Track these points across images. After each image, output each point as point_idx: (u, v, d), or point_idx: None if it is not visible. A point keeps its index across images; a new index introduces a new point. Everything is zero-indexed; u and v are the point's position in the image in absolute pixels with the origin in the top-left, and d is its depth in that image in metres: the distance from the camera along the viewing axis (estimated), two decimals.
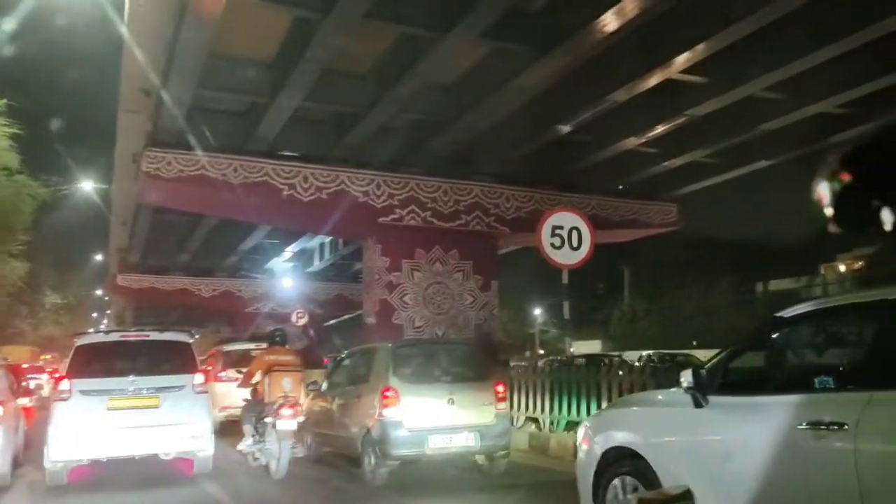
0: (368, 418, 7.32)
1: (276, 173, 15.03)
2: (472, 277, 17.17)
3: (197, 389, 7.74)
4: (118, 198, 21.61)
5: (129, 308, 40.92)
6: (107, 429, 7.24)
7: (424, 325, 16.58)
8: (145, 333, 8.33)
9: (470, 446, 7.22)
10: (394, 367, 7.35)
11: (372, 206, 15.80)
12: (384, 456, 7.05)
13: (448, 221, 16.47)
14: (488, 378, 7.74)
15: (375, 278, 16.40)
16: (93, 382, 7.39)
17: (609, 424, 4.59)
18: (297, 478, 7.88)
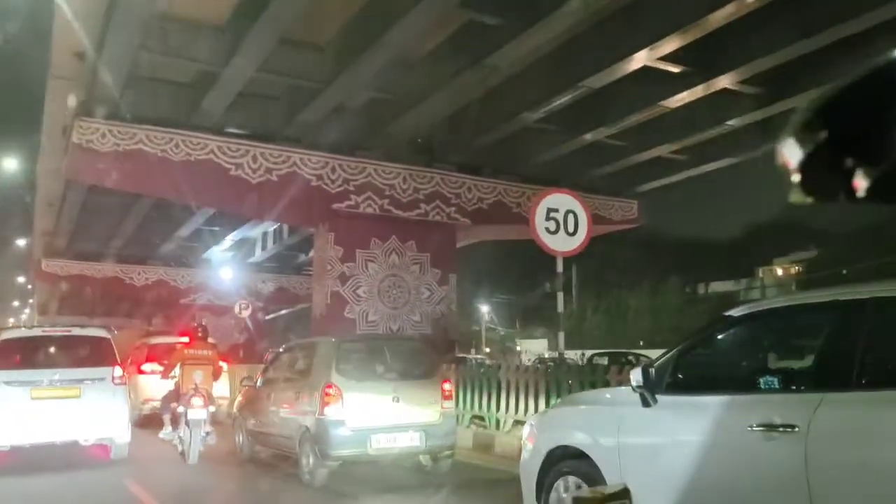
0: (308, 416, 6.99)
1: (221, 151, 13.88)
2: (430, 271, 16.37)
3: (116, 381, 8.27)
4: (45, 176, 19.85)
5: (55, 296, 38.44)
6: (30, 417, 7.70)
7: (379, 320, 15.69)
8: (68, 329, 9.16)
9: (415, 446, 6.97)
10: (337, 363, 7.01)
11: (325, 191, 14.81)
12: (324, 456, 6.73)
13: (406, 210, 15.61)
14: (435, 375, 7.52)
15: (327, 269, 15.41)
16: (17, 374, 7.87)
17: (555, 423, 4.52)
18: (224, 476, 7.94)
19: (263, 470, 8.20)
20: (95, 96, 12.87)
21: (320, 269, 15.74)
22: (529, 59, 11.71)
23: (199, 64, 12.43)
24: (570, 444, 4.10)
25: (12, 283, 55.95)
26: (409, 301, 16.09)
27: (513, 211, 16.67)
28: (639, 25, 10.66)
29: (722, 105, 12.90)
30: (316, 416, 6.82)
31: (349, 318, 15.37)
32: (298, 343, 8.92)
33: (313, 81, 12.82)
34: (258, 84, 13.55)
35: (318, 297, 15.77)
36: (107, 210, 23.13)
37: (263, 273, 30.73)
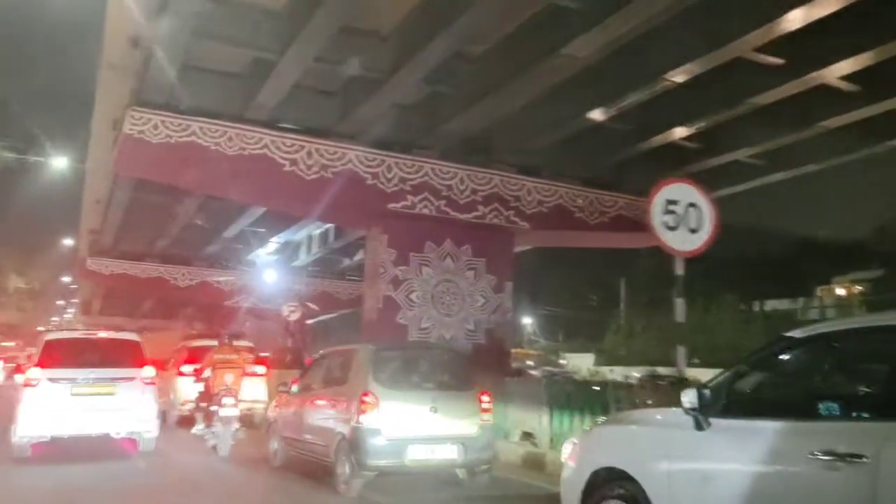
0: (344, 424, 6.92)
1: (276, 146, 13.26)
2: (485, 277, 15.53)
3: (145, 381, 9.23)
4: (93, 172, 19.59)
5: (98, 296, 38.59)
6: (70, 411, 8.65)
7: (431, 327, 14.89)
8: (105, 332, 10.33)
9: (452, 459, 6.83)
10: (374, 371, 6.94)
11: (381, 191, 14.09)
12: (360, 466, 6.64)
13: (464, 213, 14.80)
14: (473, 387, 7.35)
15: (380, 272, 14.68)
16: (60, 372, 8.79)
17: (600, 442, 4.39)
18: (255, 484, 8.04)
19: (297, 477, 8.06)
20: (148, 86, 12.38)
21: (372, 273, 15.01)
22: (608, 50, 10.83)
23: (255, 51, 11.84)
24: (615, 465, 3.94)
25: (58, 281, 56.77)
26: (463, 308, 15.26)
27: (574, 216, 15.76)
28: (736, 11, 9.70)
29: (818, 103, 11.81)
30: (352, 424, 6.70)
31: (401, 323, 14.60)
32: (335, 349, 8.63)
33: (374, 71, 12.13)
34: (314, 77, 12.93)
35: (369, 301, 15.04)
36: (153, 209, 22.83)
37: (307, 277, 30.21)
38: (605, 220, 16.01)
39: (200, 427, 10.14)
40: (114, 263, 27.07)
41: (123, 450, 9.40)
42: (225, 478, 8.51)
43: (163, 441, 9.89)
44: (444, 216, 14.60)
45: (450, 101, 13.49)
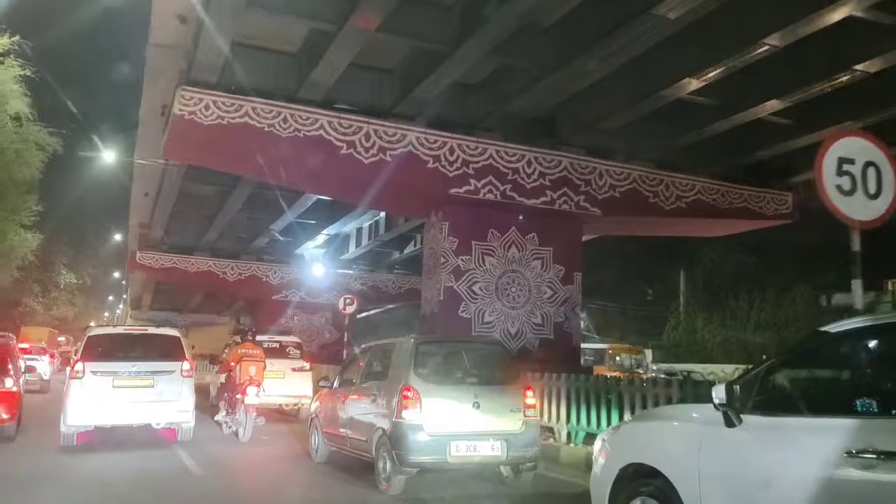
0: (385, 420, 6.79)
1: (332, 128, 12.44)
2: (553, 267, 14.50)
3: (184, 374, 9.55)
4: (142, 163, 19.12)
5: (148, 290, 38.64)
6: (112, 402, 9.04)
7: (495, 321, 13.94)
8: (144, 328, 11.04)
9: (495, 456, 6.64)
10: (415, 365, 6.76)
11: (443, 174, 13.16)
12: (401, 462, 6.47)
13: (530, 198, 13.79)
14: (517, 381, 7.17)
15: (440, 262, 13.77)
16: (102, 365, 9.19)
17: (629, 438, 4.35)
18: (296, 481, 7.82)
19: (338, 474, 7.94)
20: (198, 65, 11.66)
21: (432, 263, 14.12)
22: (703, 11, 9.70)
23: (311, 22, 11.02)
24: (644, 462, 3.92)
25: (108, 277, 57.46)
26: (530, 300, 14.26)
27: (649, 201, 14.61)
28: None
29: None
30: (393, 420, 6.57)
31: (463, 317, 13.68)
32: (376, 344, 8.37)
33: (436, 43, 11.20)
34: (371, 54, 12.11)
35: (428, 292, 14.16)
36: (202, 200, 22.37)
37: (355, 270, 29.58)
38: (681, 206, 14.82)
39: (223, 415, 11.01)
40: (163, 257, 26.79)
41: (164, 440, 9.83)
42: (265, 473, 8.36)
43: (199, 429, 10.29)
44: (509, 202, 13.61)
45: (516, 77, 12.51)
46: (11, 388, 9.72)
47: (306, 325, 28.92)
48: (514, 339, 14.00)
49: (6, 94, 13.70)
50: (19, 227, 26.50)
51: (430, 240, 14.32)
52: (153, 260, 26.78)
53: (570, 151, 14.12)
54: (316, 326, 29.13)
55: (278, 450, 9.83)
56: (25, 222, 26.72)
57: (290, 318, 28.58)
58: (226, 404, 10.92)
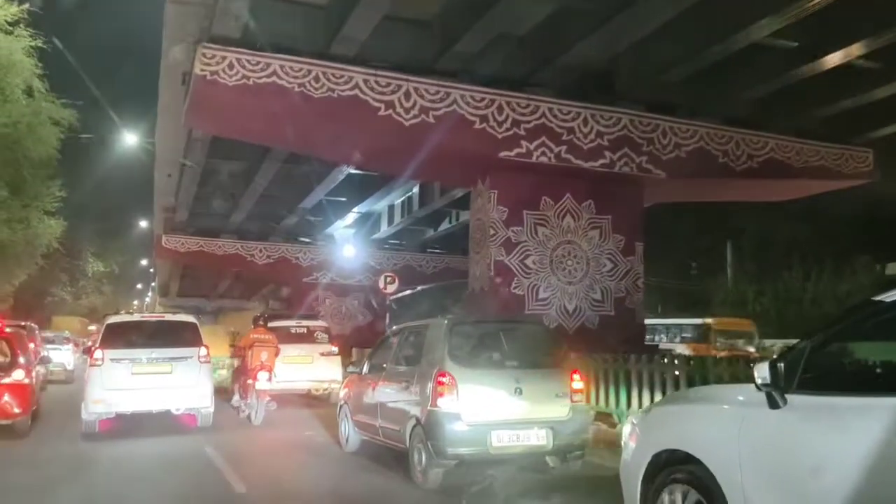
0: (418, 408, 6.31)
1: (368, 86, 11.21)
2: (612, 237, 13.22)
3: (201, 360, 9.50)
4: (163, 141, 18.06)
5: (175, 276, 38.00)
6: (131, 389, 9.07)
7: (551, 297, 12.73)
8: (161, 315, 11.51)
9: (540, 445, 6.16)
10: (450, 348, 6.29)
11: (491, 136, 11.88)
12: (438, 454, 6.01)
13: (588, 160, 12.46)
14: (562, 364, 6.66)
15: (489, 234, 12.55)
16: (121, 353, 9.22)
17: (663, 422, 4.05)
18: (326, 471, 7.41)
19: (370, 465, 7.47)
20: (220, 19, 10.48)
21: (480, 236, 12.89)
22: None
23: None
24: (679, 447, 3.65)
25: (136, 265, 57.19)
26: (588, 274, 13.00)
27: (718, 161, 13.20)
28: None
29: None
30: (428, 408, 6.10)
31: (516, 293, 12.48)
32: (407, 326, 7.83)
33: None
34: (407, 4, 10.87)
35: (476, 268, 12.95)
36: (227, 179, 21.33)
37: (388, 251, 28.46)
38: (752, 166, 13.39)
39: (236, 398, 11.17)
40: (190, 240, 25.85)
41: (185, 425, 9.83)
42: (293, 463, 7.95)
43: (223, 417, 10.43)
44: (565, 165, 12.30)
45: (570, 24, 11.16)
46: (23, 381, 9.16)
47: (338, 308, 27.94)
48: (571, 317, 12.79)
49: (15, 64, 12.70)
50: (42, 213, 25.86)
51: (477, 211, 13.08)
52: (179, 244, 25.87)
53: (629, 108, 12.74)
54: (348, 309, 28.13)
55: (306, 438, 9.45)
56: (49, 209, 26.07)
57: (321, 300, 27.63)
58: (240, 388, 11.06)
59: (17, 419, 9.01)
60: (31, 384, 9.59)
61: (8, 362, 9.19)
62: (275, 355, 10.78)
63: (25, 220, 24.85)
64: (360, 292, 28.12)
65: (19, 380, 9.09)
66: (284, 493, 6.48)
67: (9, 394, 8.88)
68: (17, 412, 8.94)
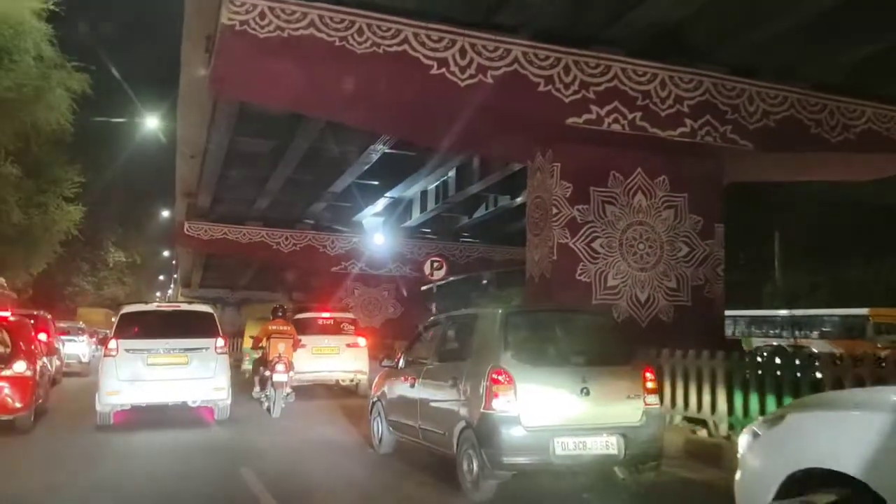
0: (468, 410, 5.52)
1: (419, 42, 9.75)
2: (688, 217, 11.67)
3: (218, 351, 9.35)
4: (186, 117, 16.78)
5: (198, 267, 36.96)
6: (146, 380, 8.95)
7: (621, 285, 11.23)
8: (177, 304, 11.76)
9: (611, 454, 5.35)
10: (506, 342, 5.50)
11: (557, 100, 10.38)
12: (493, 464, 5.22)
13: (666, 128, 10.92)
14: (633, 361, 5.81)
15: (551, 214, 11.07)
16: (135, 343, 9.10)
17: (801, 433, 3.27)
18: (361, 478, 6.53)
19: (409, 470, 6.67)
20: None
21: (540, 216, 11.42)
22: None
23: None
24: (828, 466, 2.95)
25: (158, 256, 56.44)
26: (662, 259, 11.48)
27: (811, 132, 11.59)
28: None
29: None
30: (480, 411, 5.39)
31: (582, 281, 11.00)
32: (452, 315, 7.19)
33: None
34: None
35: (536, 252, 11.48)
36: (253, 160, 20.05)
37: (418, 240, 27.10)
38: (849, 138, 11.77)
39: (257, 390, 10.97)
40: (213, 227, 24.66)
41: (202, 419, 9.52)
42: (322, 467, 6.96)
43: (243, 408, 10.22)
44: (639, 134, 10.78)
45: None
46: (24, 373, 8.60)
47: (368, 299, 26.62)
48: (643, 308, 11.29)
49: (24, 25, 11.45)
50: (61, 199, 24.80)
51: (536, 188, 11.59)
52: (202, 231, 24.66)
53: (712, 70, 11.17)
54: (379, 300, 26.79)
55: (334, 436, 8.76)
56: (67, 194, 25.03)
57: (350, 291, 26.32)
58: (259, 380, 10.96)
59: (19, 414, 8.46)
60: (34, 377, 8.92)
61: (8, 353, 8.64)
62: (293, 347, 10.72)
63: (43, 205, 23.89)
64: (391, 283, 26.77)
65: (20, 372, 8.54)
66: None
67: (9, 387, 8.36)
68: (18, 407, 8.40)
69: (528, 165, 11.92)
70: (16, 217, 17.20)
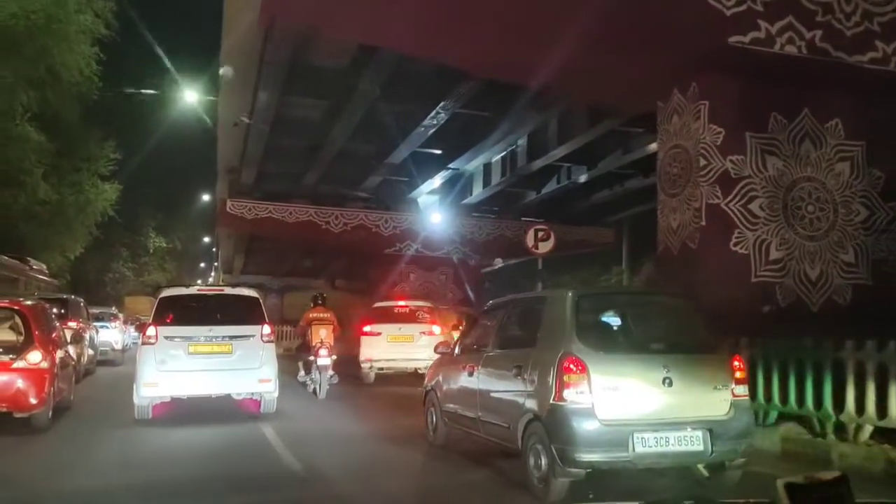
0: (536, 401, 5.06)
1: None
2: (867, 173, 9.11)
3: (265, 339, 8.58)
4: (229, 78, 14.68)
5: (240, 251, 35.18)
6: (188, 370, 8.24)
7: (786, 258, 8.74)
8: (220, 288, 12.11)
9: (696, 451, 4.85)
10: (577, 327, 5.03)
11: (716, 13, 7.87)
12: (564, 461, 4.73)
13: (853, 52, 8.33)
14: (719, 348, 5.32)
15: (697, 167, 8.63)
16: (176, 329, 8.40)
17: None
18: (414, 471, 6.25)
19: (465, 463, 6.24)
20: None
21: (680, 170, 8.98)
22: None
23: None
24: None
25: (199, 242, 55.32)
26: (835, 225, 8.95)
27: None
28: None
29: None
30: (550, 402, 4.84)
31: (738, 252, 8.54)
32: (515, 298, 6.65)
33: None
34: None
35: (673, 217, 9.04)
36: (303, 127, 17.91)
37: (478, 218, 24.80)
38: None
39: (302, 374, 11.42)
40: (257, 206, 22.65)
41: (247, 411, 8.76)
42: (372, 460, 6.55)
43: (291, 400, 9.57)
44: (818, 59, 8.22)
45: None
46: (39, 364, 7.52)
47: (424, 284, 24.42)
48: (815, 288, 8.79)
49: None
50: (95, 177, 23.16)
51: (675, 134, 9.11)
52: (246, 209, 22.67)
53: None
54: (435, 285, 24.56)
55: (388, 427, 8.30)
56: (103, 171, 23.39)
57: (405, 275, 24.15)
58: (303, 364, 11.45)
59: (33, 412, 7.41)
60: (51, 368, 7.79)
61: (21, 342, 7.56)
62: (333, 332, 10.96)
63: (77, 183, 22.23)
64: (449, 266, 24.52)
65: (34, 363, 7.47)
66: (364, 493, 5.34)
67: (22, 380, 7.33)
68: (33, 403, 7.35)
69: (658, 109, 9.45)
70: (42, 192, 15.35)
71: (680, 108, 8.94)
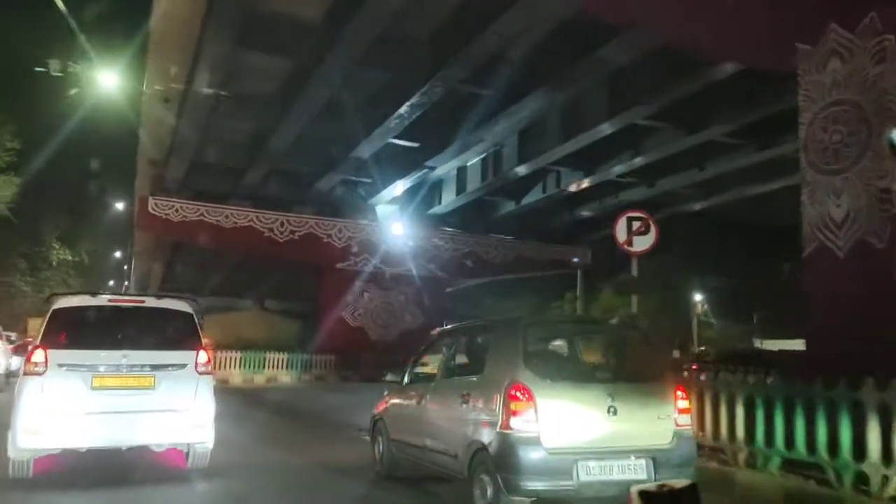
0: (484, 430, 4.94)
1: None
2: None
3: (200, 370, 6.54)
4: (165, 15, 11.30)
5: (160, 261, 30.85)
6: (89, 412, 6.11)
7: None
8: (140, 299, 7.61)
9: (639, 479, 4.65)
10: (525, 355, 4.93)
11: None
12: (510, 489, 4.67)
13: None
14: (663, 377, 5.21)
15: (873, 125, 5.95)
16: (75, 355, 6.22)
17: None
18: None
19: (413, 493, 5.95)
20: None
21: (852, 135, 6.29)
22: None
23: None
24: None
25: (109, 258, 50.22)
26: None
27: None
28: None
29: None
30: (497, 431, 4.79)
31: None
32: (463, 325, 6.36)
33: None
34: None
35: (843, 203, 6.33)
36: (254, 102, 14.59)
37: (447, 233, 21.89)
38: None
39: None
40: (186, 206, 18.96)
41: (165, 465, 6.75)
42: (316, 490, 6.02)
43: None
44: None
45: None
46: None
47: (380, 305, 21.17)
48: None
49: None
50: None
51: (836, 84, 6.43)
52: (172, 210, 18.91)
53: None
54: (393, 307, 21.33)
55: (335, 457, 7.40)
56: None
57: (359, 294, 20.84)
58: None
59: None
60: None
61: None
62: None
63: None
64: (410, 286, 21.36)
65: None
66: None
67: None
68: None
69: (800, 56, 6.77)
70: None
71: (844, 49, 6.28)
